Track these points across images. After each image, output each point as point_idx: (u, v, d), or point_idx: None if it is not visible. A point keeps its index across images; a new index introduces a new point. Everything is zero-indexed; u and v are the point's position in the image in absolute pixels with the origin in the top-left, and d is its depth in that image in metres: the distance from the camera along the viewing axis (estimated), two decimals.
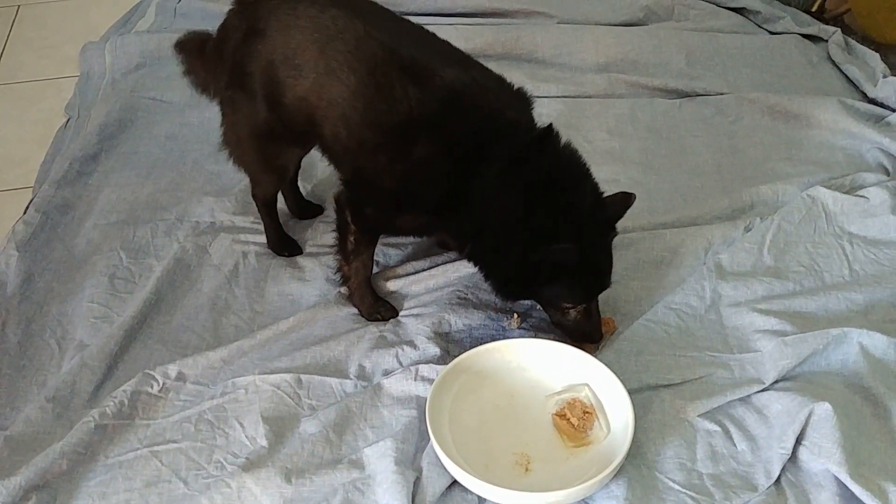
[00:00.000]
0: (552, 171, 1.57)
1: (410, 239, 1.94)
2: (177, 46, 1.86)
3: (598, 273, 1.60)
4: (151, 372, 1.62)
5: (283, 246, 1.95)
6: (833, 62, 2.57)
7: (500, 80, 1.64)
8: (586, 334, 1.64)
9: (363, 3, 1.71)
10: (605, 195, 1.62)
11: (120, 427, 1.54)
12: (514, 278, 1.60)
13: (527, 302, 1.78)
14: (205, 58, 1.81)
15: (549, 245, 1.51)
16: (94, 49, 2.65)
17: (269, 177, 1.85)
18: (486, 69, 1.65)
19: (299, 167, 2.00)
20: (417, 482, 1.45)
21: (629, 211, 1.99)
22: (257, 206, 1.93)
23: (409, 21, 1.74)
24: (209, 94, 1.85)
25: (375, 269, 1.86)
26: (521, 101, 1.64)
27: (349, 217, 1.69)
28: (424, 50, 1.63)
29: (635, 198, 1.61)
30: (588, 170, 1.62)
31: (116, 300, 1.81)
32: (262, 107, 1.69)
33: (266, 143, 1.76)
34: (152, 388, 1.60)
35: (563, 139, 1.61)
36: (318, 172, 2.12)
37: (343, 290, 1.79)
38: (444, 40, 1.70)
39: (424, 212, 1.64)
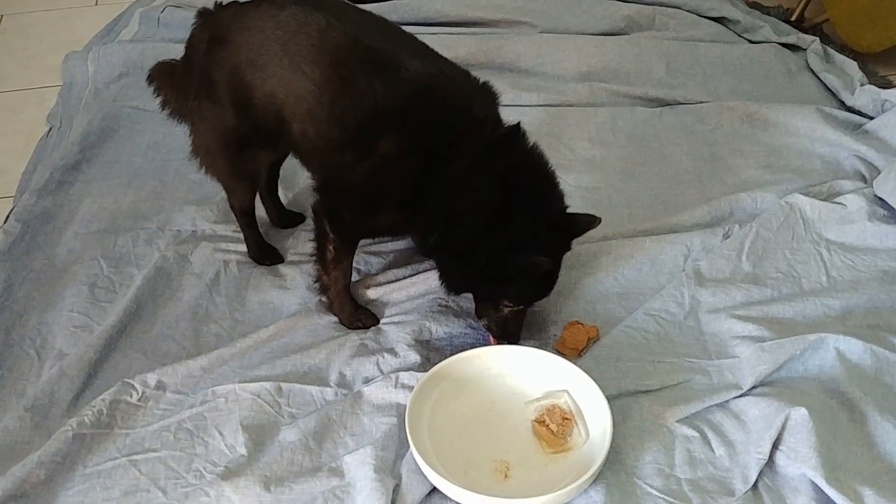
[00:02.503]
0: (522, 173, 1.58)
1: (391, 247, 1.95)
2: (149, 79, 1.86)
3: (548, 283, 1.65)
4: (131, 381, 1.62)
5: (264, 255, 1.95)
6: (812, 71, 2.60)
7: (466, 74, 1.65)
8: (508, 334, 1.67)
9: None
10: (573, 212, 1.64)
11: (98, 436, 1.53)
12: (469, 274, 1.63)
13: None
14: (175, 82, 1.81)
15: (526, 254, 1.54)
16: (77, 58, 2.64)
17: (241, 184, 1.85)
18: (453, 63, 1.66)
19: (277, 176, 2.00)
20: (397, 489, 1.44)
21: (610, 218, 2.02)
22: (236, 216, 1.93)
23: (373, 14, 1.74)
24: (186, 120, 1.84)
25: (356, 277, 1.87)
26: (487, 96, 1.64)
27: (327, 226, 1.69)
28: (390, 40, 1.63)
29: (600, 222, 1.63)
30: (554, 174, 1.63)
31: (96, 309, 1.80)
32: (229, 113, 1.69)
33: (235, 151, 1.76)
34: (131, 396, 1.60)
35: (530, 139, 1.62)
36: (299, 181, 2.12)
37: (324, 298, 1.79)
38: (410, 34, 1.70)
39: (396, 208, 1.64)
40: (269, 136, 1.70)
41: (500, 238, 1.56)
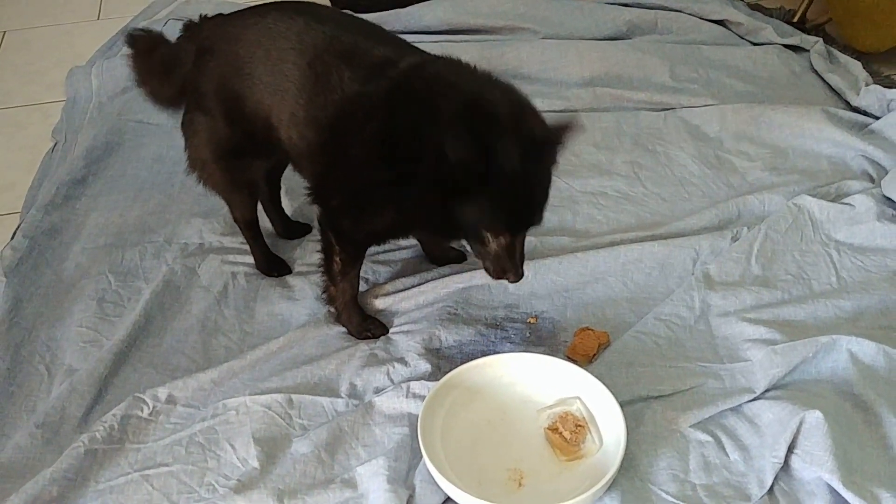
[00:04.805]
0: (461, 82, 1.47)
1: (399, 255, 1.95)
2: (128, 40, 1.78)
3: (517, 197, 1.43)
4: (141, 395, 1.61)
5: (272, 266, 1.94)
6: (816, 72, 2.60)
7: (450, 59, 1.59)
8: (504, 270, 1.51)
9: (308, 3, 1.71)
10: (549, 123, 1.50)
11: (110, 452, 1.53)
12: (430, 201, 1.45)
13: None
14: (153, 67, 1.76)
15: (451, 150, 1.35)
16: (81, 73, 2.66)
17: (240, 195, 1.85)
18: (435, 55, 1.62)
19: (279, 187, 2.00)
20: (410, 500, 1.44)
21: (617, 222, 2.02)
22: (240, 228, 1.92)
23: (355, 15, 1.74)
24: (160, 101, 1.80)
25: (365, 287, 1.86)
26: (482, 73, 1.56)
27: (332, 238, 1.69)
28: (367, 36, 1.62)
29: (580, 126, 1.46)
30: (512, 89, 1.51)
31: (105, 324, 1.80)
32: (221, 124, 1.69)
33: (229, 161, 1.75)
34: (142, 411, 1.60)
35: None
36: (303, 191, 2.12)
37: (332, 309, 1.79)
38: (392, 33, 1.69)
39: (386, 205, 1.57)
40: (262, 144, 1.70)
41: (434, 147, 1.38)
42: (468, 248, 1.62)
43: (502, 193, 1.42)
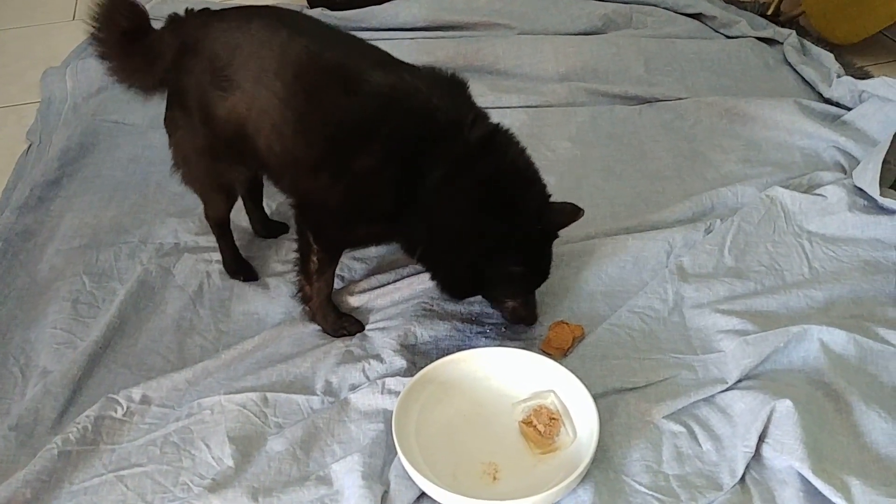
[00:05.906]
0: (500, 175, 1.59)
1: (375, 252, 1.95)
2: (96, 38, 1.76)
3: (538, 274, 1.70)
4: (115, 396, 1.61)
5: (239, 269, 1.93)
6: (789, 64, 2.62)
7: (430, 77, 1.62)
8: (522, 318, 1.73)
9: (290, 12, 1.72)
10: (555, 202, 1.65)
11: (84, 453, 1.52)
12: (461, 281, 1.67)
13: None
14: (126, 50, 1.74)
15: (499, 262, 1.60)
16: (56, 74, 2.64)
17: (218, 196, 1.84)
18: (415, 67, 1.64)
19: (262, 188, 1.99)
20: (385, 496, 1.44)
21: (592, 216, 2.02)
22: (210, 227, 1.92)
23: (337, 28, 1.75)
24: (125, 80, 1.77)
25: (340, 284, 1.86)
26: (457, 89, 1.62)
27: (311, 238, 1.69)
28: (351, 53, 1.63)
29: (583, 213, 1.66)
30: (536, 171, 1.65)
31: (80, 325, 1.79)
32: (198, 123, 1.69)
33: (210, 162, 1.75)
34: (116, 412, 1.59)
35: (511, 136, 1.63)
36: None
37: (307, 308, 1.79)
38: (372, 45, 1.70)
39: (380, 221, 1.64)
40: (237, 151, 1.69)
41: (475, 248, 1.59)
42: None
43: (529, 277, 1.68)
